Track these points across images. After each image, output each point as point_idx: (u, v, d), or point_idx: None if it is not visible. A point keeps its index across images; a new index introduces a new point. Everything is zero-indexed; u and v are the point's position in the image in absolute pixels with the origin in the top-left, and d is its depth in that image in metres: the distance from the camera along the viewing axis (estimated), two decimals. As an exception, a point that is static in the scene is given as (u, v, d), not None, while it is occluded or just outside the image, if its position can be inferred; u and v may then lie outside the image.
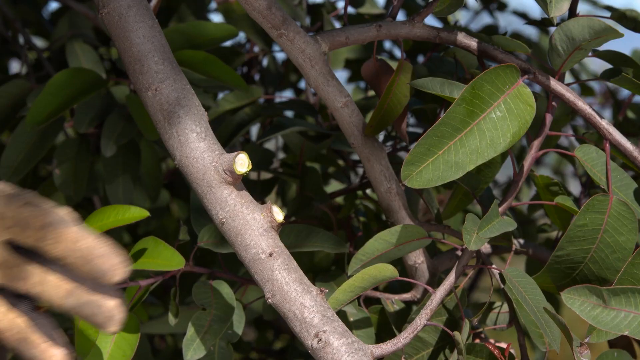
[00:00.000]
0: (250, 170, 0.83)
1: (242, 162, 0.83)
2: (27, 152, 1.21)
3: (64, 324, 1.26)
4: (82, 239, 0.76)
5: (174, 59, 0.87)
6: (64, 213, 0.77)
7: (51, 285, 0.76)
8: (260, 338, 1.66)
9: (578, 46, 0.89)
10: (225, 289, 0.97)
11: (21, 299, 0.77)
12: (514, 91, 0.89)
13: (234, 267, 1.23)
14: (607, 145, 0.93)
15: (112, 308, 0.75)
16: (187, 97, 0.86)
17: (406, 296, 1.04)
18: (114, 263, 0.75)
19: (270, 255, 0.84)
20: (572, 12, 0.96)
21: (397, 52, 1.60)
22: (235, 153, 0.83)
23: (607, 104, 1.87)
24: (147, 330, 1.37)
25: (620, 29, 0.91)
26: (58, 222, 0.77)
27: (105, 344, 0.94)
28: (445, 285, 0.91)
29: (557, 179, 1.01)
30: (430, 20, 1.08)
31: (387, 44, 1.71)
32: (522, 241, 1.09)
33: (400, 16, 1.64)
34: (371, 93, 1.45)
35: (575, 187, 2.18)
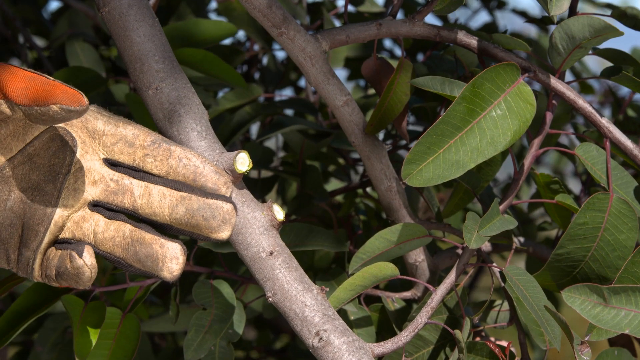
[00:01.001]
0: (251, 168, 0.83)
1: (243, 161, 0.83)
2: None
3: (64, 322, 1.27)
4: (186, 157, 0.78)
5: (174, 58, 0.87)
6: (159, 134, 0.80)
7: (158, 196, 0.77)
8: (261, 337, 1.66)
9: (578, 44, 0.89)
10: (225, 289, 0.97)
11: (115, 214, 0.78)
12: (514, 89, 0.89)
13: (234, 266, 1.23)
14: (608, 143, 0.93)
15: (228, 211, 0.77)
16: (187, 96, 0.86)
17: (407, 294, 1.04)
18: (219, 183, 0.77)
19: (271, 253, 0.84)
20: (572, 11, 0.96)
21: (398, 51, 1.60)
22: (236, 152, 0.83)
23: (607, 102, 1.87)
24: (148, 329, 1.37)
25: (621, 27, 0.91)
26: (162, 141, 0.78)
27: (107, 343, 0.94)
28: (446, 283, 0.91)
29: (557, 177, 1.01)
30: (430, 19, 1.08)
31: (388, 43, 1.71)
32: (522, 239, 1.09)
33: (401, 15, 1.64)
34: (371, 91, 1.45)
35: (575, 186, 2.18)
